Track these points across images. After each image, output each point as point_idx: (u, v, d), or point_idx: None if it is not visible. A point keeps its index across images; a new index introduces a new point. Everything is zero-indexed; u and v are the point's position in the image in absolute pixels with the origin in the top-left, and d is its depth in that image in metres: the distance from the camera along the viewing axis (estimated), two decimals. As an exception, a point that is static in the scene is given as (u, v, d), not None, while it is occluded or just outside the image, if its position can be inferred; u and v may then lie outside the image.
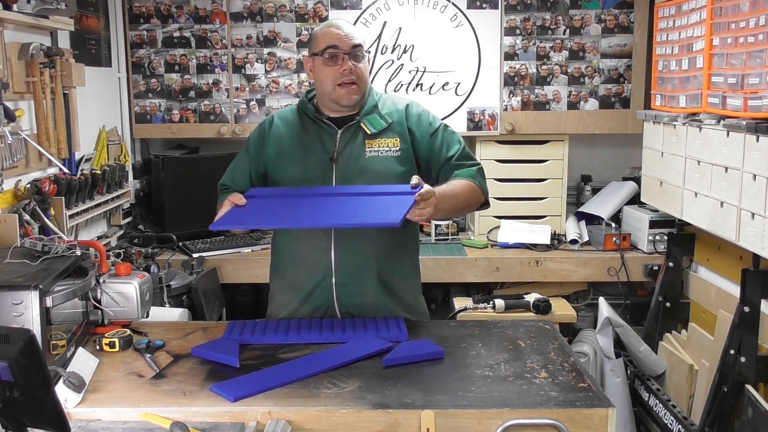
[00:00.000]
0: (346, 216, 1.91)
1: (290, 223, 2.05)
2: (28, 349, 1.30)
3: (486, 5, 3.56)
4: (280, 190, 2.13)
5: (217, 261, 3.29)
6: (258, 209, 1.99)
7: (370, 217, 1.89)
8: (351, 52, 2.08)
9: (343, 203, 1.97)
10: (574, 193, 3.87)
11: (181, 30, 3.60)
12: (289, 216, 1.98)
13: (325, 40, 2.10)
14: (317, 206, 1.97)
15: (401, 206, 1.86)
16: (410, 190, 1.92)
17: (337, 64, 2.08)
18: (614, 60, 3.61)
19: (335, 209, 1.95)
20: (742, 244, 2.44)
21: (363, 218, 1.90)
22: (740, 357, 2.54)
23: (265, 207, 2.01)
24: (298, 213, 1.96)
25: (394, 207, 1.87)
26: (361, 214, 1.90)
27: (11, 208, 2.36)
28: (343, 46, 2.08)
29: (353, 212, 1.91)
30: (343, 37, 2.08)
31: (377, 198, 1.95)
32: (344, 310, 2.16)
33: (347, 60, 2.08)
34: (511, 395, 1.67)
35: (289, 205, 2.01)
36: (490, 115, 3.63)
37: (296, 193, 2.06)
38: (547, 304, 3.08)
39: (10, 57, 2.42)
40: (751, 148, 2.36)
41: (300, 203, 2.00)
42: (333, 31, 2.10)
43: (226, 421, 1.59)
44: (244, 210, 1.98)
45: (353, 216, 1.91)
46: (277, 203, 2.03)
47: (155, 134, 3.72)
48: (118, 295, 2.07)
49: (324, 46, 2.09)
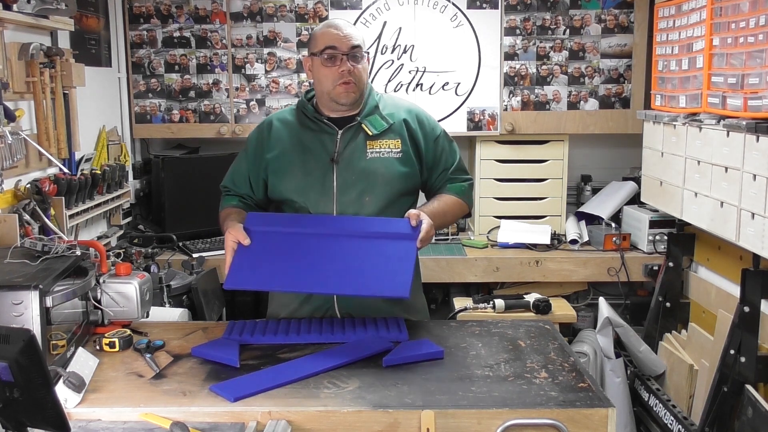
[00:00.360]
0: (354, 283, 1.93)
1: (299, 288, 2.04)
2: (28, 349, 1.30)
3: (486, 5, 3.56)
4: (278, 219, 2.11)
5: (217, 261, 3.29)
6: (260, 260, 1.98)
7: (377, 287, 1.92)
8: (350, 53, 2.08)
9: (345, 256, 1.96)
10: (574, 193, 3.87)
11: (181, 30, 3.60)
12: (296, 278, 1.96)
13: (324, 40, 2.09)
14: (321, 261, 1.96)
15: (405, 266, 1.92)
16: (410, 232, 1.98)
17: (335, 65, 2.08)
18: (614, 60, 3.61)
19: (341, 269, 1.94)
20: (742, 244, 2.44)
21: (371, 289, 1.93)
22: (740, 357, 2.54)
23: (266, 256, 1.98)
24: (304, 272, 1.95)
25: (398, 267, 1.92)
26: (368, 281, 1.92)
27: (11, 208, 2.36)
28: (342, 46, 2.07)
29: (359, 277, 1.93)
30: (342, 38, 2.08)
31: (380, 248, 1.96)
32: (344, 311, 2.16)
33: (346, 61, 2.07)
34: (511, 395, 1.67)
35: (291, 255, 1.98)
36: (490, 115, 3.63)
37: (296, 231, 2.03)
38: (547, 304, 3.08)
39: (10, 57, 2.42)
40: (751, 148, 2.36)
41: (301, 253, 1.98)
42: (332, 32, 2.09)
43: (226, 421, 1.59)
44: (245, 262, 1.97)
45: (361, 285, 1.93)
46: (276, 248, 2.00)
47: (155, 134, 3.72)
48: (118, 295, 2.06)
49: (323, 47, 2.09)
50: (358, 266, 1.94)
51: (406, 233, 1.98)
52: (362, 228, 2.02)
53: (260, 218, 2.09)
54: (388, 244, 1.97)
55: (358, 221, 2.06)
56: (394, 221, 2.04)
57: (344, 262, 1.96)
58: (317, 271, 1.95)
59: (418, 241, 1.95)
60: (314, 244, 1.99)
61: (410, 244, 1.96)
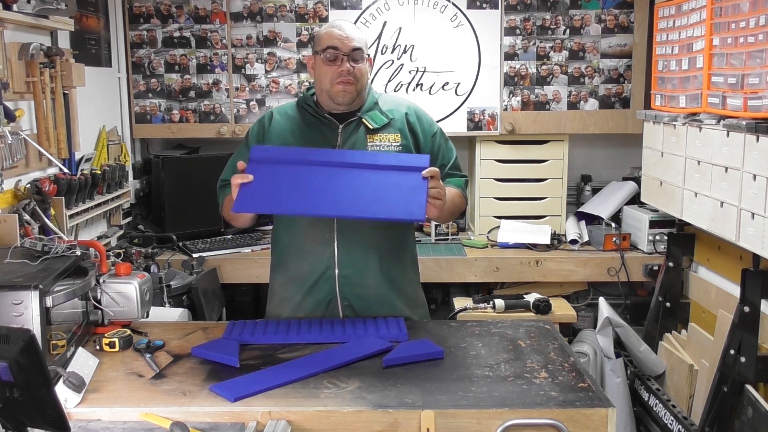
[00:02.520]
0: (367, 205, 1.91)
1: (310, 210, 1.99)
2: (28, 349, 1.30)
3: (486, 5, 3.56)
4: (284, 152, 2.07)
5: (217, 261, 3.29)
6: (269, 186, 1.95)
7: (391, 210, 1.91)
8: (350, 54, 2.12)
9: (356, 183, 1.95)
10: (574, 193, 3.87)
11: (181, 30, 3.60)
12: (307, 200, 1.94)
13: (326, 40, 2.14)
14: (331, 185, 1.94)
15: (418, 193, 1.91)
16: (419, 165, 1.97)
17: (336, 64, 2.12)
18: (614, 60, 3.61)
19: (352, 193, 1.93)
20: (742, 244, 2.44)
21: (385, 211, 1.91)
22: (740, 357, 2.54)
23: (276, 183, 1.96)
24: (315, 195, 1.94)
25: (411, 195, 1.91)
26: (380, 204, 1.91)
27: (11, 208, 2.36)
28: (343, 47, 2.12)
29: (372, 200, 1.91)
30: (344, 39, 2.13)
31: (390, 178, 1.95)
32: (346, 302, 2.18)
33: (346, 61, 2.12)
34: (511, 395, 1.67)
35: (300, 181, 1.96)
36: (490, 115, 3.63)
37: (302, 160, 2.01)
38: (547, 304, 3.08)
39: (10, 57, 2.42)
40: (751, 148, 2.36)
41: (310, 179, 1.96)
42: (335, 32, 2.14)
43: (226, 421, 1.59)
44: (255, 188, 1.94)
45: (374, 206, 1.91)
46: (285, 176, 1.97)
47: (155, 134, 3.72)
48: (118, 295, 2.07)
49: (325, 46, 2.14)
50: (370, 193, 1.94)
51: (416, 166, 1.97)
52: (371, 160, 2.02)
53: (265, 151, 2.06)
54: (399, 174, 1.96)
55: (367, 155, 2.06)
56: (402, 156, 2.05)
57: (356, 189, 1.95)
58: (327, 193, 1.94)
59: (425, 172, 1.94)
60: (324, 174, 1.97)
61: (420, 176, 1.94)
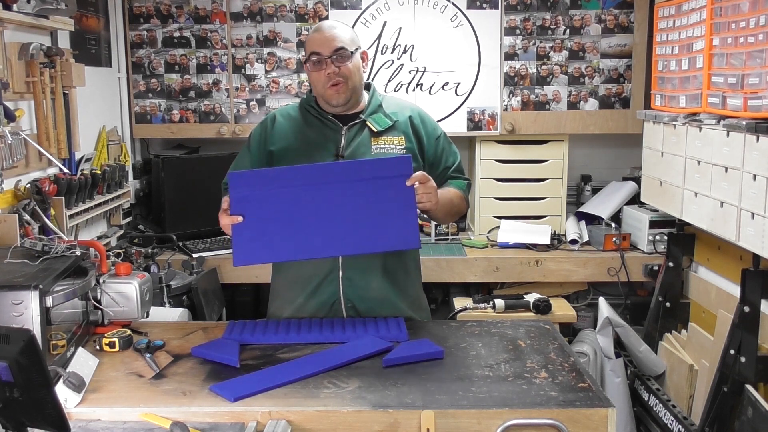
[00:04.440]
0: (362, 240, 1.93)
1: (310, 254, 2.00)
2: (28, 349, 1.30)
3: (486, 5, 3.56)
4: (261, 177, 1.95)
5: (217, 261, 3.29)
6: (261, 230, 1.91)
7: (387, 241, 1.94)
8: (333, 56, 2.11)
9: (344, 209, 1.92)
10: (574, 193, 3.87)
11: (181, 30, 3.60)
12: (304, 243, 1.93)
13: (309, 46, 2.16)
14: (321, 216, 1.92)
15: (409, 215, 1.92)
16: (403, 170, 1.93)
17: (322, 69, 2.12)
18: (614, 60, 3.61)
19: (344, 225, 1.92)
20: (742, 244, 2.44)
21: (382, 244, 1.95)
22: (740, 357, 2.54)
23: (266, 224, 1.91)
24: (309, 234, 1.92)
25: (402, 218, 1.92)
26: (376, 235, 1.92)
27: (11, 208, 2.36)
28: (324, 51, 2.11)
29: (365, 233, 1.92)
30: (324, 42, 2.12)
31: (377, 195, 1.92)
32: (350, 304, 2.17)
33: (330, 64, 2.11)
34: (511, 395, 1.67)
35: (290, 217, 1.91)
36: (490, 115, 3.63)
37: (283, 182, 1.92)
38: (547, 304, 3.08)
39: (10, 57, 2.42)
40: (751, 148, 2.36)
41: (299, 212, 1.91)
42: (315, 37, 2.14)
43: (226, 421, 1.59)
44: (248, 232, 1.91)
45: (371, 241, 1.93)
46: (273, 212, 1.91)
47: (155, 134, 3.72)
48: (118, 295, 2.07)
49: (309, 53, 2.15)
50: (362, 219, 1.92)
51: (399, 173, 1.93)
52: (353, 174, 1.94)
53: (242, 178, 1.93)
54: (385, 188, 1.92)
55: (347, 166, 1.99)
56: (383, 161, 1.99)
57: (347, 216, 1.92)
58: (323, 232, 1.92)
59: (409, 180, 1.92)
60: (311, 199, 1.92)
61: (408, 187, 1.92)
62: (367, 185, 1.93)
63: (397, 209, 1.93)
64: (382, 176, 1.93)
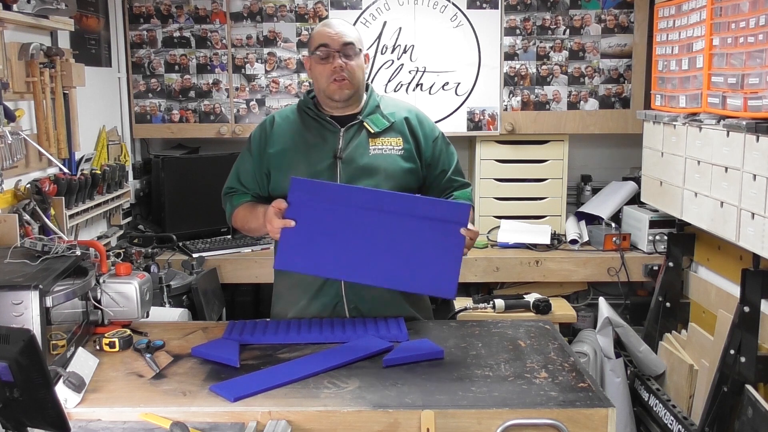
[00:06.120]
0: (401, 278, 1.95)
1: (347, 276, 2.04)
2: (28, 349, 1.30)
3: (486, 5, 3.56)
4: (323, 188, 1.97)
5: (217, 261, 3.29)
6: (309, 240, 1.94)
7: (424, 285, 1.97)
8: (342, 50, 2.13)
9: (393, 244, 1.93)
10: (574, 193, 3.87)
11: (181, 30, 3.60)
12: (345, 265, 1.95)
13: (317, 38, 2.16)
14: (369, 246, 1.93)
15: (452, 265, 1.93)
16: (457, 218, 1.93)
17: (328, 62, 2.13)
18: (614, 60, 3.61)
19: (388, 260, 1.93)
20: (742, 244, 2.44)
21: (418, 286, 1.99)
22: (740, 357, 2.54)
23: (316, 236, 1.93)
24: (352, 259, 1.94)
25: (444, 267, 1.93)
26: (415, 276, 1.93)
27: (11, 208, 2.36)
28: (334, 44, 2.13)
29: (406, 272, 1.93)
30: (334, 36, 2.13)
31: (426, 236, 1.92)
32: (352, 305, 2.17)
33: (338, 57, 2.13)
34: (511, 395, 1.67)
35: (339, 237, 1.93)
36: (490, 115, 3.63)
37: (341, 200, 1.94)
38: (547, 304, 3.08)
39: (10, 57, 2.42)
40: (751, 148, 2.36)
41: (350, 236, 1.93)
42: (325, 30, 2.16)
43: (226, 421, 1.59)
44: (296, 239, 1.93)
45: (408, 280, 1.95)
46: (325, 226, 1.93)
47: (155, 134, 3.72)
48: (118, 295, 2.07)
49: (317, 45, 2.15)
50: (406, 256, 1.93)
51: (455, 220, 1.93)
52: (410, 208, 1.94)
53: (305, 185, 1.96)
54: (436, 231, 1.92)
55: (406, 199, 1.98)
56: (442, 204, 2.00)
57: (393, 250, 1.93)
58: (365, 258, 1.93)
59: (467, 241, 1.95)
60: (363, 224, 1.93)
61: (458, 235, 1.92)
62: (421, 224, 1.92)
63: (443, 255, 1.93)
64: (438, 218, 1.93)
